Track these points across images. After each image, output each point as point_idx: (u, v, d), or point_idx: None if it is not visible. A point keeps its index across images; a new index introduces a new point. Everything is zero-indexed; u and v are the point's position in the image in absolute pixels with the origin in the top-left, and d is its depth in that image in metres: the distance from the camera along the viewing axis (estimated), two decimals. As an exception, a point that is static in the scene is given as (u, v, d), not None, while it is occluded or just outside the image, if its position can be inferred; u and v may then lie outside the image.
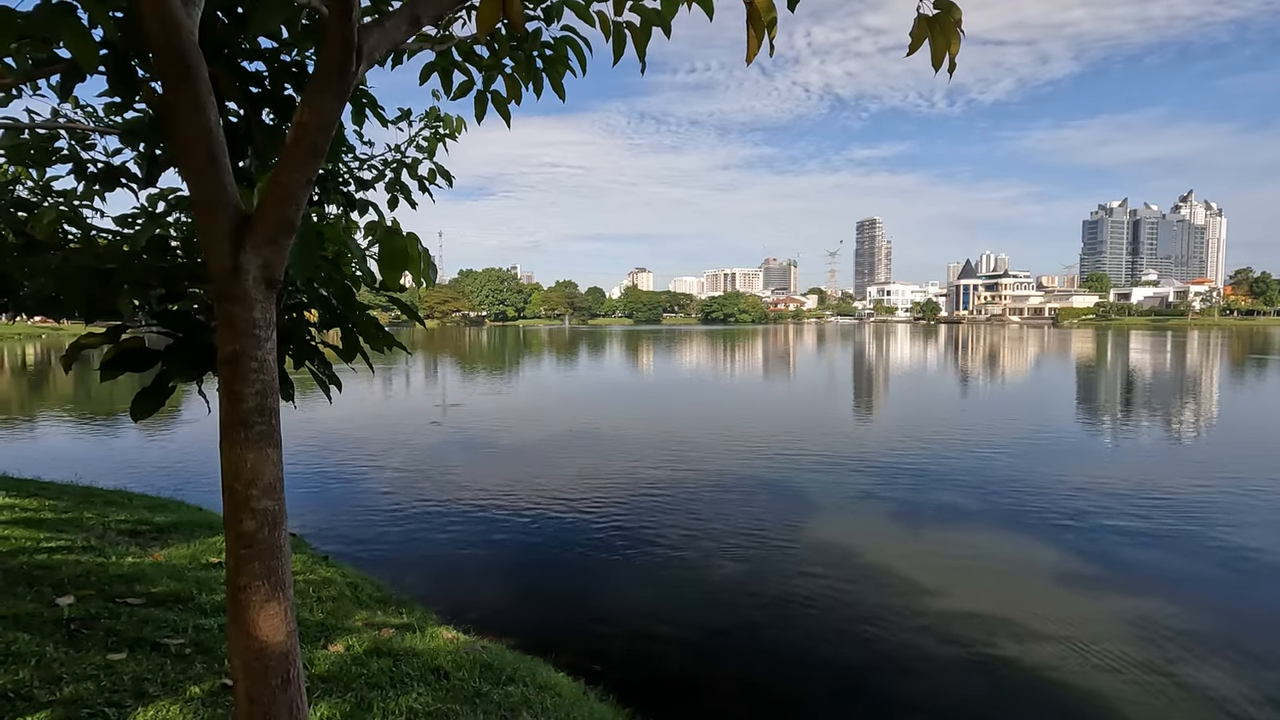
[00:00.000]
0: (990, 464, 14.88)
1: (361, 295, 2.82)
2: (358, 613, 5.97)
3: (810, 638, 7.08)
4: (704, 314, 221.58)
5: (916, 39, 2.54)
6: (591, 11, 3.04)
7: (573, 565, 9.07)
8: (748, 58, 2.45)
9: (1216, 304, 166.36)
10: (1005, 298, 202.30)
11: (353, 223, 3.77)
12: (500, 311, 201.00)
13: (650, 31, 2.92)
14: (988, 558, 9.47)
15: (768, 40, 2.48)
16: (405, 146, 4.22)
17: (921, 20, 2.48)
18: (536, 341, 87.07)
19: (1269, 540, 9.83)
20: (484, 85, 3.24)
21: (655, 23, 2.92)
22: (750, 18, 2.39)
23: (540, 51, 3.21)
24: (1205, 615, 7.55)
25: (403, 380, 35.06)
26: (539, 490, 12.57)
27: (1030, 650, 6.73)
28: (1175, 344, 70.53)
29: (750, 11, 2.38)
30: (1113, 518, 10.93)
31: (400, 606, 6.72)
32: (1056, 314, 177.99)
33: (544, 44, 3.20)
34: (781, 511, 11.38)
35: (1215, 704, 5.82)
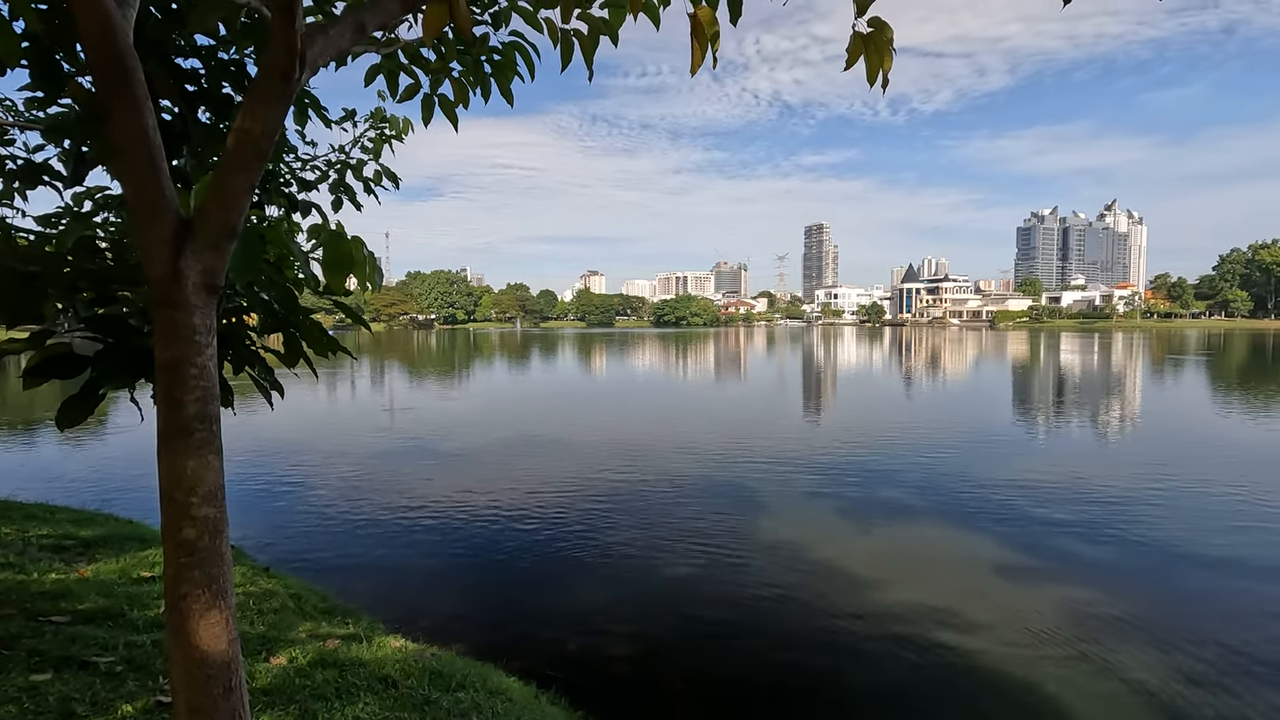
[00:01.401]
0: (933, 461, 15.43)
1: (305, 299, 2.78)
2: (301, 624, 5.81)
3: (761, 635, 7.22)
4: (656, 317, 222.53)
5: (852, 55, 2.66)
6: (539, 18, 3.07)
7: (525, 570, 9.02)
8: (692, 69, 2.52)
9: (1138, 307, 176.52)
10: (946, 301, 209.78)
11: (295, 225, 3.69)
12: (450, 314, 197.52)
13: (598, 40, 2.96)
14: (931, 552, 9.82)
15: (711, 51, 2.56)
16: (350, 147, 4.16)
17: (856, 37, 2.60)
18: (487, 345, 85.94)
19: (1185, 529, 10.49)
20: (431, 88, 3.23)
21: (603, 31, 2.97)
22: (694, 30, 2.46)
23: (488, 56, 3.22)
24: (1130, 601, 8.01)
25: (348, 385, 34.14)
26: (490, 496, 12.44)
27: (971, 641, 7.02)
28: (1101, 345, 74.48)
29: (694, 24, 2.46)
30: (1046, 511, 11.48)
31: (346, 616, 6.57)
32: (993, 317, 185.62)
33: (492, 49, 3.21)
34: (732, 512, 11.56)
35: (1137, 683, 6.18)
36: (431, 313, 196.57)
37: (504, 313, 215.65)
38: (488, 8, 3.08)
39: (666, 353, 65.89)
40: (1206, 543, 9.87)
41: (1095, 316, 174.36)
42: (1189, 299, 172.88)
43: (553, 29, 3.01)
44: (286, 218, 3.58)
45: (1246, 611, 7.73)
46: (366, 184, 4.22)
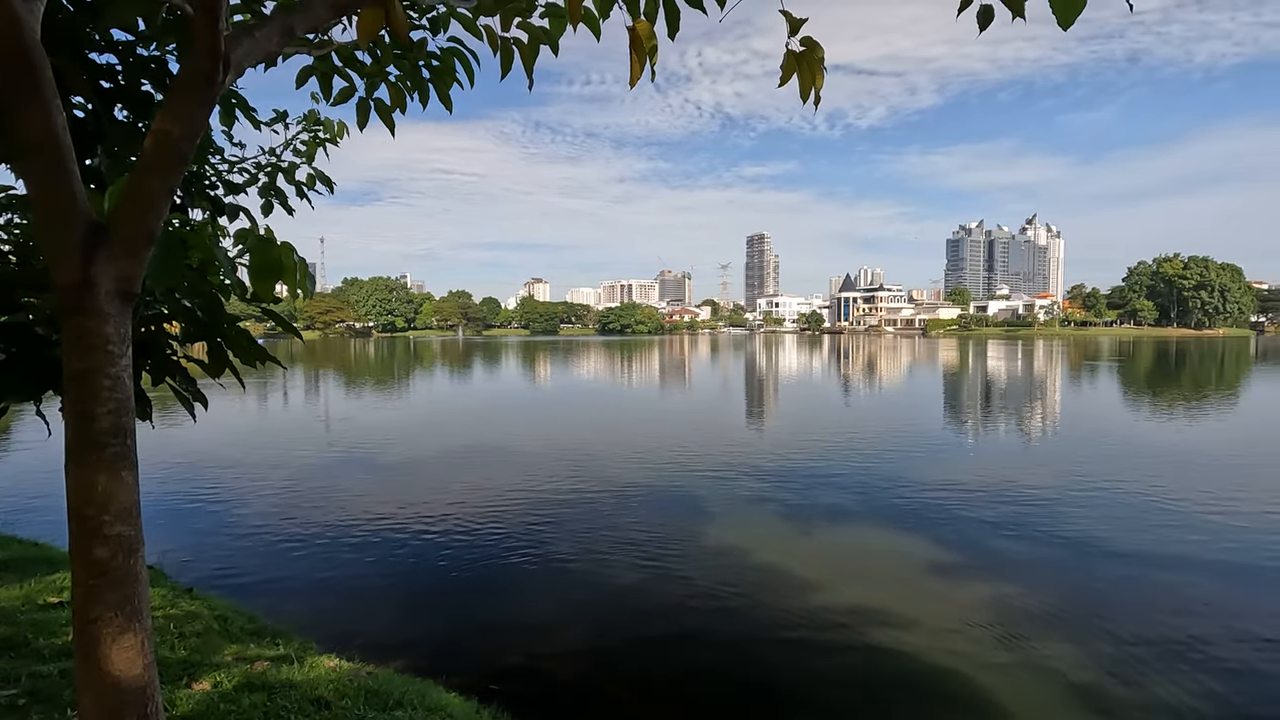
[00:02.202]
0: (870, 465, 15.91)
1: (232, 306, 2.68)
2: (227, 647, 5.54)
3: (706, 641, 7.28)
4: (601, 325, 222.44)
5: (786, 72, 2.75)
6: (479, 25, 3.05)
7: (467, 583, 8.84)
8: (630, 81, 2.55)
9: (1057, 316, 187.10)
10: (881, 310, 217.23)
11: (221, 229, 3.55)
12: (389, 322, 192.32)
13: (538, 49, 2.97)
14: (869, 553, 10.12)
15: (650, 64, 2.60)
16: (281, 150, 4.03)
17: (790, 55, 2.70)
18: (428, 353, 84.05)
19: (1101, 526, 11.13)
20: (366, 92, 3.17)
21: (543, 40, 2.98)
22: (632, 43, 2.50)
23: (426, 62, 3.18)
24: (1052, 594, 8.44)
25: (280, 396, 32.79)
26: (431, 508, 12.15)
27: (908, 639, 7.26)
28: (1025, 352, 78.53)
29: (632, 37, 2.50)
30: (975, 511, 11.99)
31: (277, 637, 6.30)
32: (925, 325, 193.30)
33: (430, 54, 3.18)
34: (677, 519, 11.63)
35: (1058, 673, 6.52)
36: (370, 320, 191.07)
37: (446, 320, 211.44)
38: (425, 13, 3.04)
39: (611, 360, 65.91)
40: (1119, 537, 10.50)
41: (1019, 325, 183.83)
42: (1102, 308, 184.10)
43: (492, 36, 3.00)
44: (211, 221, 3.44)
45: (1155, 600, 8.25)
46: (299, 188, 4.09)
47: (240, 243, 2.49)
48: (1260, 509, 11.92)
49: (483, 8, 2.90)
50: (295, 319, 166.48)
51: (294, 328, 2.87)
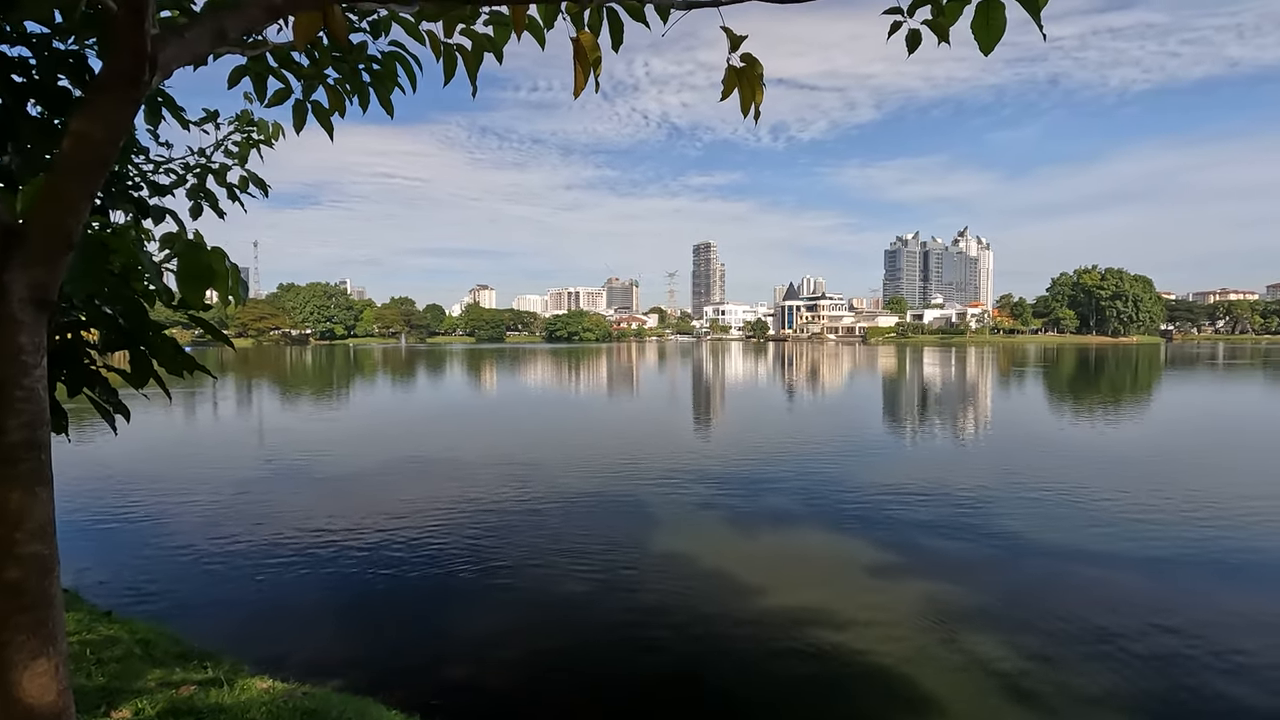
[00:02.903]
0: (813, 469, 16.28)
1: (157, 313, 2.56)
2: (150, 672, 5.25)
3: (655, 648, 7.30)
4: (548, 332, 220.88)
5: (727, 86, 2.82)
6: (421, 30, 3.02)
7: (409, 597, 8.62)
8: (575, 91, 2.58)
9: (987, 324, 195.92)
10: (823, 318, 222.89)
11: (146, 232, 3.39)
12: (328, 329, 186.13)
13: (482, 56, 2.96)
14: (812, 555, 10.34)
15: (594, 76, 2.63)
16: (211, 151, 3.88)
17: (730, 70, 2.77)
18: (369, 361, 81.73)
19: (1030, 524, 11.68)
20: (304, 94, 3.09)
21: (487, 48, 2.97)
22: (576, 54, 2.52)
23: (367, 65, 3.13)
24: (982, 589, 8.81)
25: (210, 407, 31.30)
26: (371, 521, 11.80)
27: (849, 637, 7.44)
28: (958, 359, 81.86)
29: (576, 48, 2.52)
30: (911, 512, 12.41)
31: (205, 660, 6.00)
32: (866, 333, 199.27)
33: (370, 58, 3.13)
34: (625, 527, 11.63)
35: (988, 665, 6.80)
36: (307, 327, 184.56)
37: (388, 327, 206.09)
38: (365, 16, 3.00)
39: (559, 368, 65.51)
40: (1045, 535, 11.04)
41: (952, 332, 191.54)
42: (1028, 317, 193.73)
43: (435, 42, 2.97)
44: (135, 224, 3.28)
45: (1078, 593, 8.71)
46: (231, 190, 3.95)
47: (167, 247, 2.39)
48: (1174, 506, 12.73)
49: (425, 13, 2.88)
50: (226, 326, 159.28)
51: (224, 335, 2.77)
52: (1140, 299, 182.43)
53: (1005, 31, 2.37)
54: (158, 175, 3.62)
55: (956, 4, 2.20)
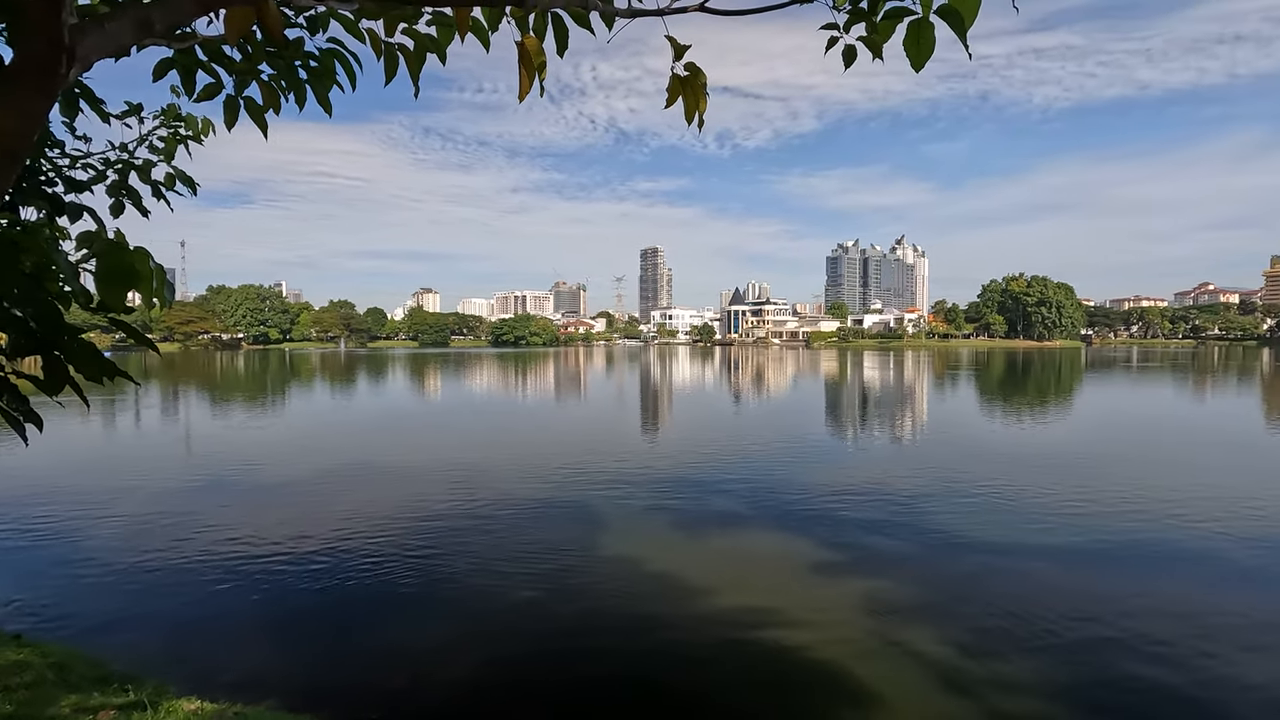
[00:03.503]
0: (758, 471, 16.55)
1: (74, 315, 2.42)
2: (64, 698, 4.93)
3: (603, 651, 7.28)
4: (494, 336, 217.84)
5: (671, 94, 2.86)
6: (361, 28, 2.96)
7: (348, 608, 8.35)
8: (519, 95, 2.57)
9: (923, 329, 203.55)
10: (768, 322, 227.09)
11: (61, 230, 3.20)
12: (261, 334, 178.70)
13: (425, 56, 2.92)
14: (759, 555, 10.50)
15: (538, 80, 2.63)
16: (135, 146, 3.70)
17: (674, 79, 2.81)
18: (305, 366, 78.93)
19: (962, 521, 12.16)
20: (236, 90, 2.98)
21: (430, 48, 2.93)
22: (521, 59, 2.52)
23: (304, 62, 3.05)
24: (919, 585, 9.12)
25: (132, 415, 29.64)
26: (308, 532, 11.39)
27: (795, 635, 7.59)
28: (896, 362, 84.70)
29: (521, 52, 2.52)
30: (853, 511, 12.75)
31: (126, 683, 5.67)
32: (809, 337, 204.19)
33: (308, 54, 3.04)
34: (573, 531, 11.57)
35: (925, 657, 7.05)
36: (239, 331, 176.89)
37: (326, 332, 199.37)
38: (302, 11, 2.92)
39: (505, 373, 64.70)
40: (977, 531, 11.52)
41: (891, 337, 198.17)
42: (961, 322, 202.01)
43: (375, 40, 2.92)
44: (49, 222, 3.10)
45: (1006, 584, 9.12)
46: (155, 187, 3.77)
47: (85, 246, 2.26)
48: (1098, 501, 13.48)
49: (365, 11, 2.82)
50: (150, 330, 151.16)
51: (148, 339, 2.63)
52: (1063, 305, 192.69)
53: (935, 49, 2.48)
54: (74, 170, 3.43)
55: (889, 22, 2.29)
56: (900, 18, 2.28)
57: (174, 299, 2.31)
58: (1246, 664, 6.88)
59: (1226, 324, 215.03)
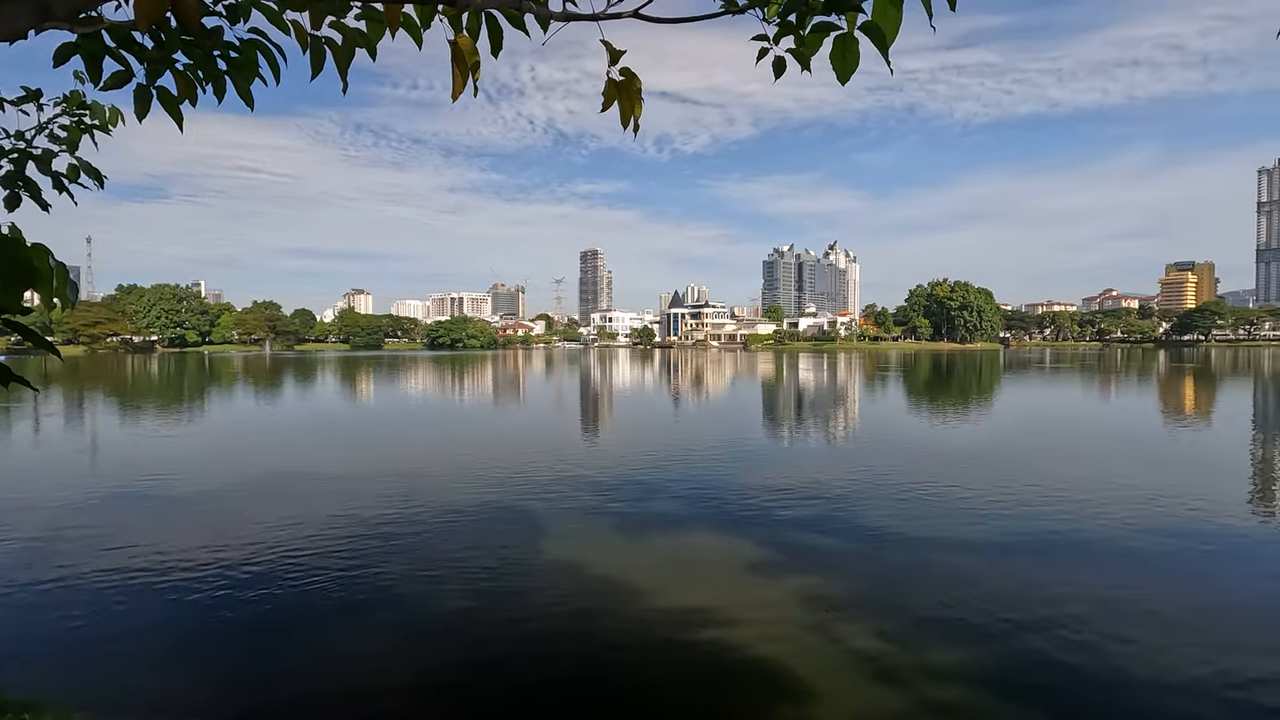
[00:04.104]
0: (697, 472, 16.73)
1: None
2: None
3: (544, 657, 7.20)
4: (430, 339, 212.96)
5: (607, 99, 2.88)
6: (286, 20, 2.86)
7: (277, 623, 7.99)
8: (453, 95, 2.54)
9: (855, 332, 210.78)
10: (707, 325, 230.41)
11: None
12: (178, 336, 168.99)
13: (353, 51, 2.84)
14: (697, 556, 10.62)
15: (472, 80, 2.60)
16: (33, 135, 3.46)
17: (610, 83, 2.83)
18: (226, 371, 75.12)
19: (893, 517, 12.63)
20: (147, 79, 2.83)
21: (359, 43, 2.85)
22: (454, 57, 2.48)
23: (223, 52, 2.92)
24: (851, 581, 9.42)
25: (30, 424, 27.50)
26: (229, 545, 10.84)
27: (733, 634, 7.71)
28: (829, 364, 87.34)
29: (454, 51, 2.48)
30: (789, 510, 13.06)
31: (25, 710, 5.25)
32: (746, 340, 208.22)
33: (228, 44, 2.91)
34: (512, 537, 11.42)
35: (857, 649, 7.29)
36: (153, 333, 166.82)
37: (250, 334, 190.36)
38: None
39: (442, 376, 63.28)
40: (906, 526, 11.98)
41: (824, 339, 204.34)
42: (890, 325, 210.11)
43: (301, 33, 2.82)
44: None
45: (933, 576, 9.53)
46: (57, 179, 3.53)
47: (-25, 242, 2.10)
48: (1017, 495, 14.23)
49: (289, 1, 2.73)
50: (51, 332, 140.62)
51: (47, 342, 2.47)
52: (983, 310, 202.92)
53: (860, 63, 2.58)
54: (-38, 160, 3.18)
55: (816, 36, 2.38)
56: (827, 32, 2.37)
57: (78, 299, 2.18)
58: (1153, 645, 7.41)
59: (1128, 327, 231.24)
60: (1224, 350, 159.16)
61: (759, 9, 2.38)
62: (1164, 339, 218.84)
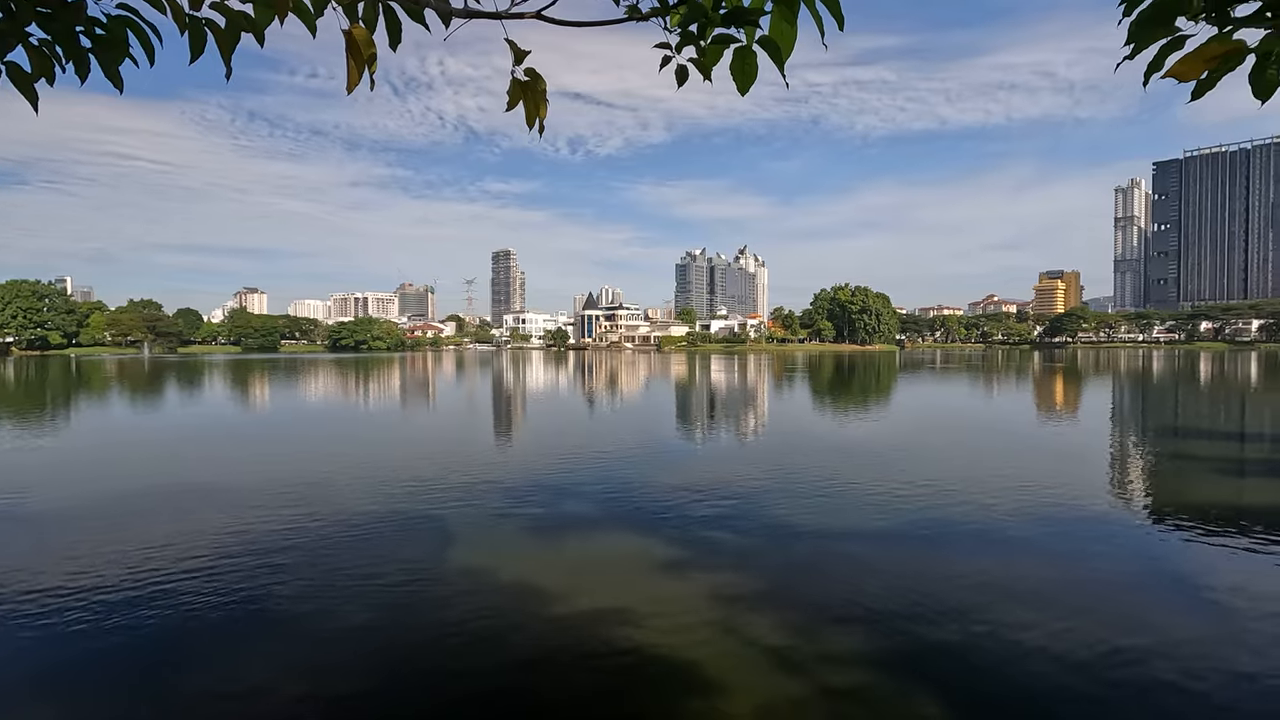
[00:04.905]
0: (610, 473, 16.77)
1: None
2: None
3: (455, 671, 7.00)
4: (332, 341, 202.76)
5: (512, 98, 2.85)
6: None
7: (151, 657, 7.35)
8: (348, 87, 2.44)
9: (763, 334, 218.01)
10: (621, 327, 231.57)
11: None
12: (39, 337, 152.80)
13: (238, 35, 2.68)
14: (609, 558, 10.64)
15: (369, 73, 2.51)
16: None
17: (515, 83, 2.80)
18: (98, 376, 68.60)
19: (799, 511, 13.13)
20: (-5, 53, 2.56)
21: (245, 27, 2.69)
22: (349, 48, 2.39)
23: (87, 29, 2.68)
24: (759, 576, 9.71)
25: None
26: (95, 570, 9.90)
27: (645, 632, 7.77)
28: (740, 365, 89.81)
29: (349, 41, 2.39)
30: (698, 509, 13.32)
31: None
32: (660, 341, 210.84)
33: (93, 20, 2.68)
34: (419, 546, 11.05)
35: (763, 642, 7.52)
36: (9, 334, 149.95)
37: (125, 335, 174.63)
38: (84, -29, 2.57)
39: (344, 380, 60.35)
40: (810, 521, 12.48)
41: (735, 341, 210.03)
42: (796, 328, 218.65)
43: (179, 13, 2.63)
44: None
45: (836, 567, 9.98)
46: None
47: None
48: (912, 487, 15.12)
49: (164, -22, 2.55)
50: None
51: None
52: (881, 313, 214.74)
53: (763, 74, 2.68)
54: None
55: (717, 47, 2.45)
56: (727, 44, 2.45)
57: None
58: (1033, 623, 8.06)
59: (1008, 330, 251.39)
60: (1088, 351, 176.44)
61: (662, 18, 2.42)
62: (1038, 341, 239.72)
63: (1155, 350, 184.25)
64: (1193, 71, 2.36)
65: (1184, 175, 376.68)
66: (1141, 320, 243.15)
